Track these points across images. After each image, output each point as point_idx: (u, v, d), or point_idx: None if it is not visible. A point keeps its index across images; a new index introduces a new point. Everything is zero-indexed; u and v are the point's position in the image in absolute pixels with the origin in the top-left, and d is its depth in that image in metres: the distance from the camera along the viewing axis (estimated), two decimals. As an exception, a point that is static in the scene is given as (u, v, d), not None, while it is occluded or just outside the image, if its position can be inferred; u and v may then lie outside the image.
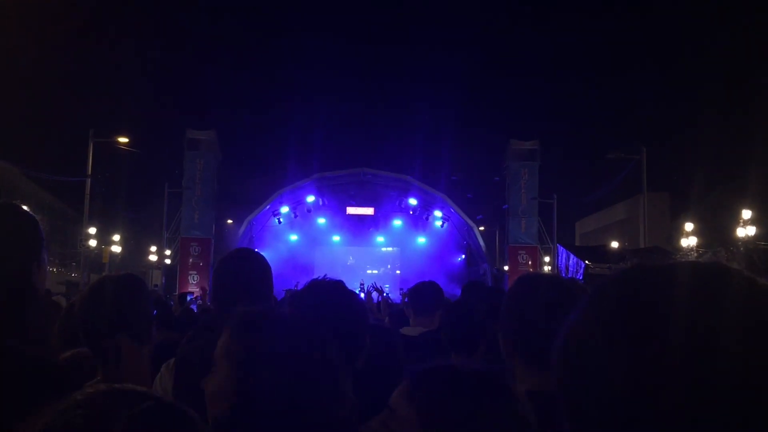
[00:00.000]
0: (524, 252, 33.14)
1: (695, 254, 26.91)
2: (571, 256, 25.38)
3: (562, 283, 2.28)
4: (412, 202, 36.14)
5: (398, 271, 36.92)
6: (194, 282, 29.84)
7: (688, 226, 28.24)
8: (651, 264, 0.93)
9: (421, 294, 5.05)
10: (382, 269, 36.10)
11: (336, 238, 35.81)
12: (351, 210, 36.65)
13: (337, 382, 1.71)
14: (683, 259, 0.94)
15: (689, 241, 27.77)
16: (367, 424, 1.63)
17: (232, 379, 1.68)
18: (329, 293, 2.52)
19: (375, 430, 1.57)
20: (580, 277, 21.69)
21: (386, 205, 36.71)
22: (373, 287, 12.75)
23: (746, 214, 24.48)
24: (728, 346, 0.80)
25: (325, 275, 2.63)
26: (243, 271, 3.00)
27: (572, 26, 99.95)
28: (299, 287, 2.83)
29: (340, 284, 2.62)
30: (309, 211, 35.26)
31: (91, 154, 28.77)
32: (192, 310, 11.15)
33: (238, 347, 1.71)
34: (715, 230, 30.21)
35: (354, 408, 1.74)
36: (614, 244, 30.54)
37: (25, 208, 2.29)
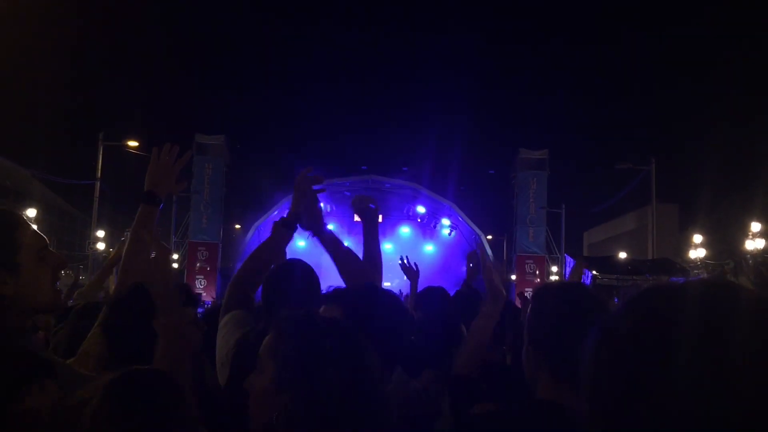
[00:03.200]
0: (532, 261, 33.09)
1: (704, 268, 26.84)
2: (579, 266, 25.30)
3: (587, 293, 2.28)
4: (420, 209, 36.14)
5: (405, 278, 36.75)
6: (201, 286, 29.92)
7: (697, 238, 28.15)
8: (667, 284, 0.97)
9: (431, 300, 4.91)
10: (396, 281, 35.34)
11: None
12: (359, 217, 36.59)
13: (376, 386, 1.72)
14: (698, 278, 0.97)
15: (698, 253, 27.68)
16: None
17: (275, 379, 1.70)
18: (370, 296, 2.49)
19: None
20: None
21: (394, 213, 36.72)
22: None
23: (755, 226, 24.38)
24: (743, 366, 0.83)
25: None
26: (292, 279, 3.08)
27: (582, 38, 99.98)
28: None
29: (379, 288, 2.63)
30: (317, 217, 35.31)
31: (100, 158, 28.86)
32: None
33: (282, 347, 1.73)
34: (724, 243, 30.12)
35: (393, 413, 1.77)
36: (622, 255, 30.46)
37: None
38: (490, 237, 37.34)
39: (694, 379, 0.83)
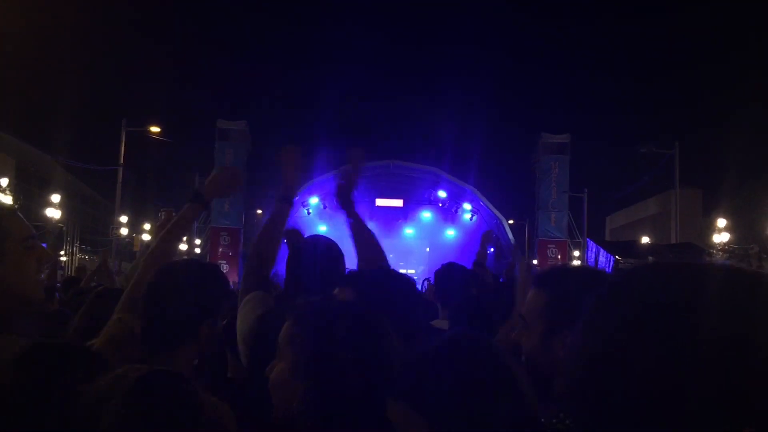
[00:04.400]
0: (554, 246, 32.99)
1: (727, 251, 26.62)
2: (601, 250, 25.23)
3: (594, 275, 2.26)
4: (441, 194, 36.07)
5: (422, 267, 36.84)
6: (224, 271, 30.07)
7: (721, 223, 27.90)
8: (665, 263, 0.93)
9: (450, 280, 4.62)
10: (422, 267, 34.32)
11: (365, 229, 35.65)
12: (380, 201, 36.65)
13: (393, 370, 1.68)
14: (696, 260, 0.93)
15: (721, 238, 27.44)
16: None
17: (294, 366, 1.70)
18: (384, 279, 2.46)
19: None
20: (610, 272, 21.52)
21: (415, 197, 36.70)
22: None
23: (780, 210, 24.16)
24: (760, 353, 0.80)
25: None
26: (315, 259, 3.01)
27: (605, 20, 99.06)
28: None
29: (393, 271, 2.57)
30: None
31: (123, 144, 29.03)
32: None
33: (300, 334, 1.73)
34: (748, 227, 29.83)
35: None
36: (645, 240, 30.31)
37: None
38: (511, 221, 37.22)
39: (706, 362, 0.80)
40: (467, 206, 36.25)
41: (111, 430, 1.42)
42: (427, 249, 37.45)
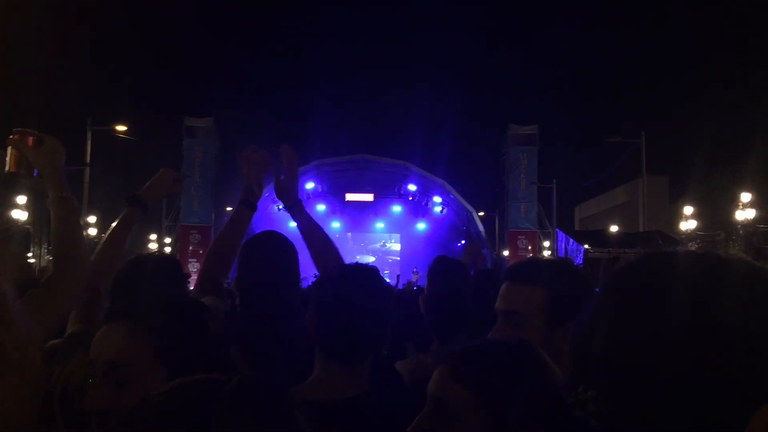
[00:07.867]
0: (524, 237, 33.16)
1: (696, 240, 26.92)
2: (571, 240, 25.41)
3: (576, 270, 2.27)
4: (412, 188, 36.13)
5: (398, 256, 36.85)
6: (194, 269, 29.90)
7: (688, 210, 28.20)
8: (655, 253, 0.99)
9: (444, 275, 4.52)
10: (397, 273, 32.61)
11: (336, 224, 35.74)
12: (350, 196, 36.64)
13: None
14: (684, 249, 0.99)
15: (689, 225, 27.74)
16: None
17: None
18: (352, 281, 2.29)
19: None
20: (580, 262, 21.71)
21: (386, 192, 36.72)
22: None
23: (745, 197, 24.42)
24: (727, 324, 0.84)
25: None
26: (267, 259, 2.93)
27: (570, 12, 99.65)
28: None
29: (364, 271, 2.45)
30: (308, 197, 35.20)
31: (89, 143, 28.67)
32: None
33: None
34: (715, 214, 30.18)
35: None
36: (614, 229, 30.52)
37: None
38: (481, 213, 37.38)
39: (684, 345, 0.84)
40: (437, 199, 36.36)
41: None
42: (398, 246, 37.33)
